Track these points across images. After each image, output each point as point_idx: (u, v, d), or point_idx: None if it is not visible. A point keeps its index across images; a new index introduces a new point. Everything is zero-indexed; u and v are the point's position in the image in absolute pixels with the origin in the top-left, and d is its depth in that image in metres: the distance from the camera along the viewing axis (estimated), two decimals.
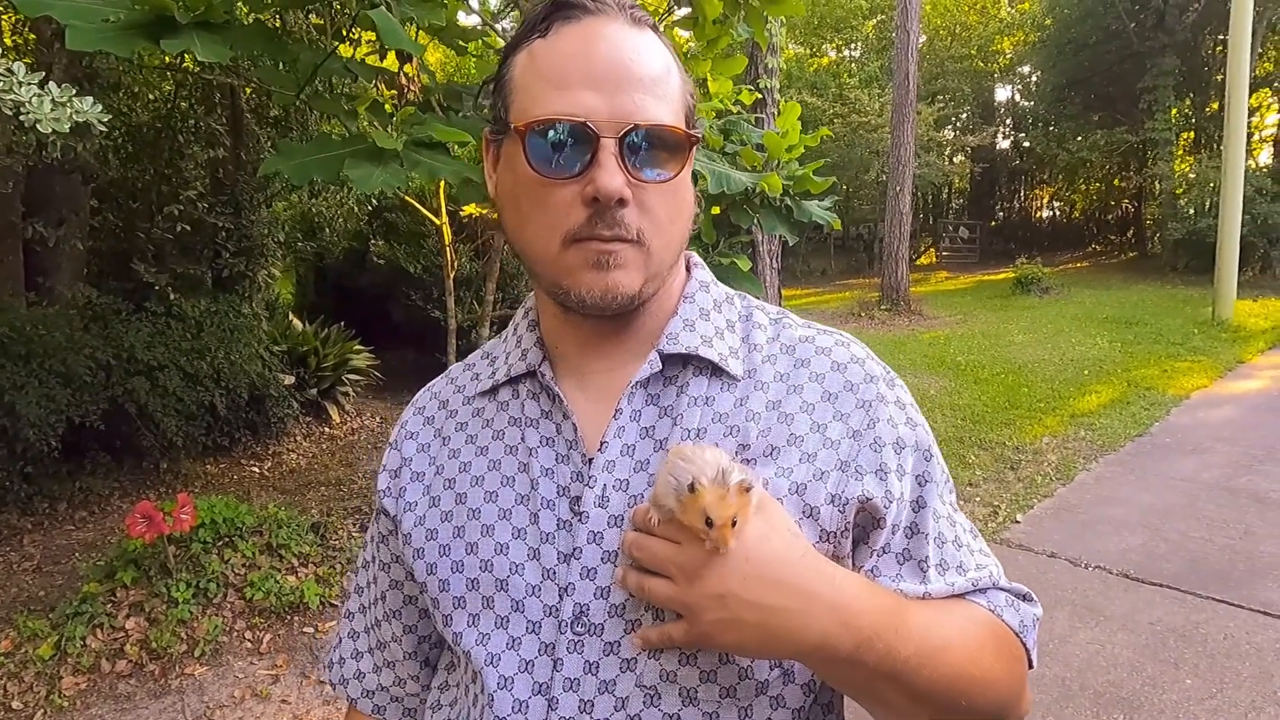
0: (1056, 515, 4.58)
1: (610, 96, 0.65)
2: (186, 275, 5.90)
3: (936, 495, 0.72)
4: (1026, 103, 26.22)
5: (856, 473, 0.68)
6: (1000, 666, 0.69)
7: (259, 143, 6.28)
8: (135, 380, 4.83)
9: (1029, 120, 25.85)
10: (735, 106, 3.58)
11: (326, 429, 6.46)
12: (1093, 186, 25.70)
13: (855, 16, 24.34)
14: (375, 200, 7.44)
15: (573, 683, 0.66)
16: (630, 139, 0.65)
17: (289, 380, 6.02)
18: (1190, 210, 16.99)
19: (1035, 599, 0.76)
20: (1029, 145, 25.45)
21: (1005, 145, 27.19)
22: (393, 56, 3.30)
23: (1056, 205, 28.25)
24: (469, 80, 5.11)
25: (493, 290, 4.39)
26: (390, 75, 2.93)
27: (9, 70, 1.67)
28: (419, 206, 4.30)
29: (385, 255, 7.52)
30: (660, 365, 0.71)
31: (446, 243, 4.19)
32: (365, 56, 3.87)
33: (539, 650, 0.68)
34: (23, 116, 1.67)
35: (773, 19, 5.93)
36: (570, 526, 0.69)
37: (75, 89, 1.76)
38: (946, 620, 0.68)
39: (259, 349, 5.72)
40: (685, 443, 0.68)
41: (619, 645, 0.66)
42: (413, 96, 3.05)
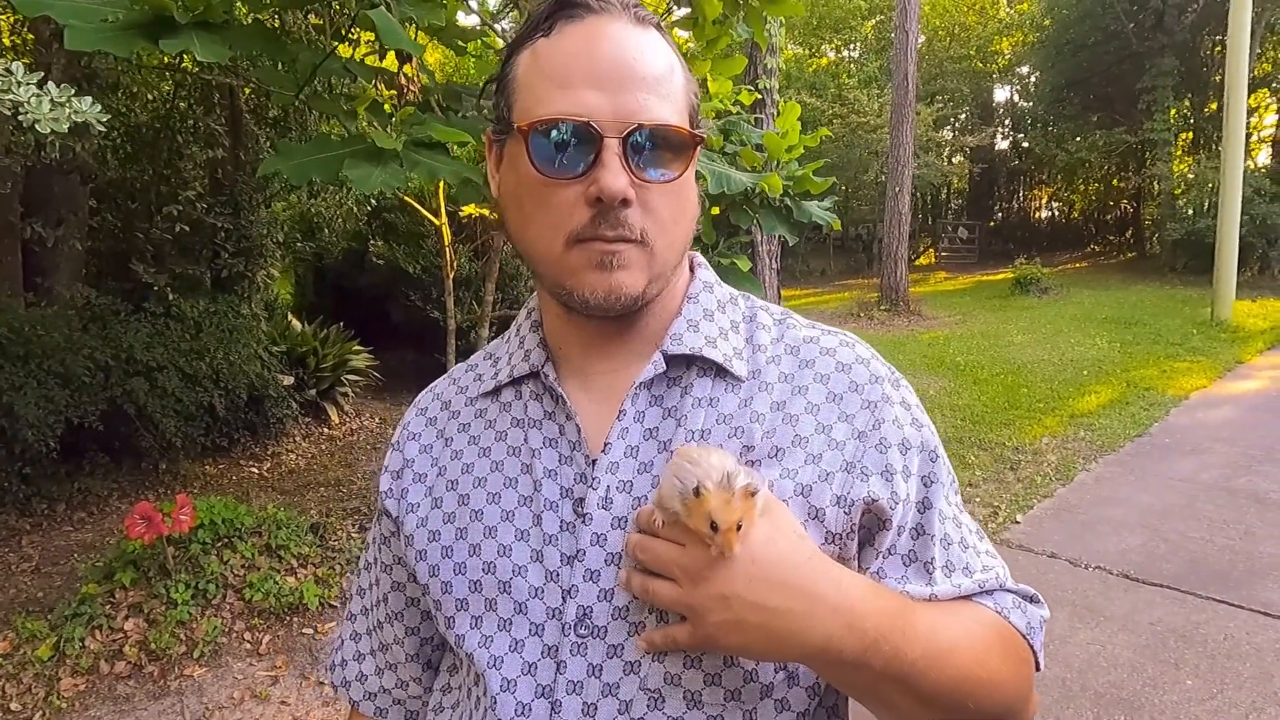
0: (1056, 516, 4.58)
1: (614, 96, 0.64)
2: (185, 276, 5.90)
3: (942, 496, 0.71)
4: (1025, 103, 26.25)
5: (862, 474, 0.68)
6: (1007, 669, 0.69)
7: (258, 143, 6.27)
8: (134, 381, 4.82)
9: (1028, 121, 25.86)
10: (735, 107, 3.58)
11: (325, 429, 6.45)
12: (1091, 187, 25.72)
13: (854, 17, 24.34)
14: (374, 200, 7.44)
15: (576, 685, 0.66)
16: (634, 139, 0.64)
17: (288, 381, 6.01)
18: (1189, 210, 17.02)
19: (1042, 601, 0.76)
20: (1028, 146, 25.48)
21: (1004, 146, 27.21)
22: (392, 57, 3.30)
23: (1055, 205, 28.25)
24: (468, 80, 5.10)
25: (492, 291, 4.38)
26: (390, 75, 2.92)
27: (8, 70, 1.66)
28: (418, 207, 4.29)
29: (384, 256, 7.51)
30: (664, 366, 0.71)
31: (446, 243, 4.18)
32: (364, 56, 3.86)
33: (542, 653, 0.67)
34: (21, 116, 1.66)
35: (772, 19, 5.93)
36: (574, 528, 0.68)
37: (74, 89, 1.75)
38: (953, 622, 0.67)
39: (258, 349, 5.71)
40: (690, 444, 0.67)
41: (623, 648, 0.65)
42: (412, 97, 3.05)
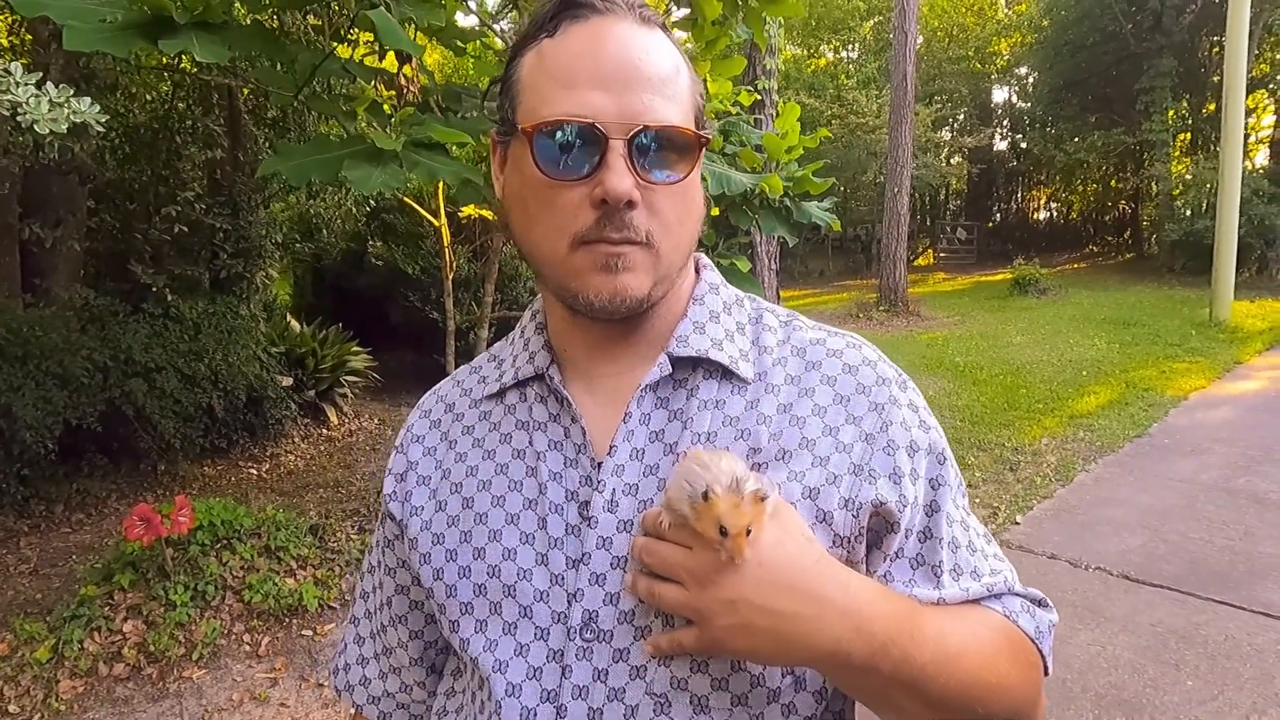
0: (1056, 516, 4.57)
1: (619, 97, 0.64)
2: (184, 276, 5.88)
3: (950, 499, 0.71)
4: (1024, 104, 26.25)
5: (870, 477, 0.67)
6: (1016, 673, 0.68)
7: (257, 144, 6.25)
8: (133, 382, 4.81)
9: (1026, 121, 25.87)
10: (734, 108, 3.58)
11: (324, 430, 6.44)
12: (1090, 188, 25.73)
13: (853, 18, 24.37)
14: (373, 201, 7.42)
15: (581, 690, 0.65)
16: (639, 140, 0.64)
17: (287, 382, 6.01)
18: (1187, 211, 17.02)
19: (1051, 605, 0.75)
20: (1026, 146, 25.47)
21: (1003, 146, 27.22)
22: (391, 57, 3.29)
23: (1054, 206, 28.26)
24: (467, 81, 5.10)
25: (491, 291, 4.37)
26: (389, 76, 2.92)
27: (6, 70, 1.66)
28: (417, 208, 4.29)
29: (383, 256, 7.50)
30: (670, 368, 0.70)
31: (445, 244, 4.18)
32: (364, 57, 3.87)
33: (547, 657, 0.67)
34: (20, 117, 1.66)
35: (771, 20, 5.93)
36: (579, 531, 0.68)
37: (72, 89, 1.75)
38: (961, 626, 0.67)
39: (257, 350, 5.70)
40: (699, 446, 0.67)
41: (629, 652, 0.65)
42: (411, 97, 3.04)
